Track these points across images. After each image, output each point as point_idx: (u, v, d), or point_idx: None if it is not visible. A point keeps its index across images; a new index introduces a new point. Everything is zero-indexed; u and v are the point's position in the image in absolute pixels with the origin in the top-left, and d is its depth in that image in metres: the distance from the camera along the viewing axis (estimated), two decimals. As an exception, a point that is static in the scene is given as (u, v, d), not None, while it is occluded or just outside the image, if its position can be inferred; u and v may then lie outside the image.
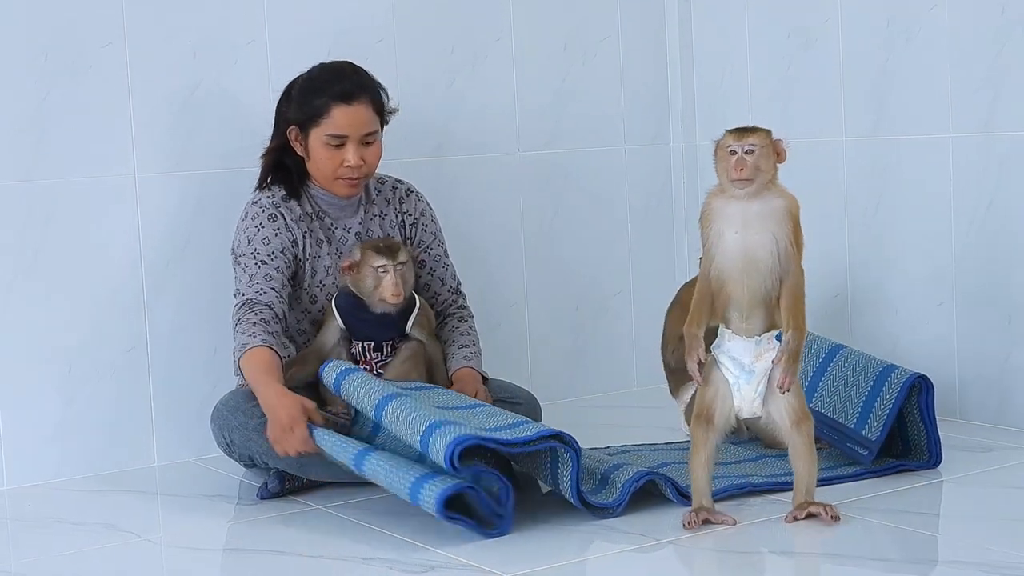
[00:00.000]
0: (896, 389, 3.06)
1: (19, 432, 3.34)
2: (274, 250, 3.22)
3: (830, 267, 3.78)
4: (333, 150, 3.22)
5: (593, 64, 4.07)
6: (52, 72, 3.35)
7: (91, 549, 2.83)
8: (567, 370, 4.04)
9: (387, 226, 3.38)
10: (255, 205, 3.27)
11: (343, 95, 3.22)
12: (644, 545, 2.67)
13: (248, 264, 3.21)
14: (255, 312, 3.13)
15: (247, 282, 3.19)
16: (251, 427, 3.06)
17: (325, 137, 3.22)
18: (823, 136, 3.81)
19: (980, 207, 3.47)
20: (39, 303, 3.35)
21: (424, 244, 3.41)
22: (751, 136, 2.70)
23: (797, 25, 3.86)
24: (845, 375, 3.15)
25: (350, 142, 3.22)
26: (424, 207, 3.44)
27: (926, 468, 3.07)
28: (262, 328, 3.10)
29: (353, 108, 3.22)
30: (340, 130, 3.21)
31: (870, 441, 3.04)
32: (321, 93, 3.22)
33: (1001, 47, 3.39)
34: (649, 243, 4.19)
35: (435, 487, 2.68)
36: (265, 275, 3.19)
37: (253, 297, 3.16)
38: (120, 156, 3.44)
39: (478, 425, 2.81)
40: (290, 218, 3.26)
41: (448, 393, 3.05)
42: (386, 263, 3.16)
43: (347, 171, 3.24)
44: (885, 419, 3.03)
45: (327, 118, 3.21)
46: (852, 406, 3.09)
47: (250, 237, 3.23)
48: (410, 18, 3.79)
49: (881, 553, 2.60)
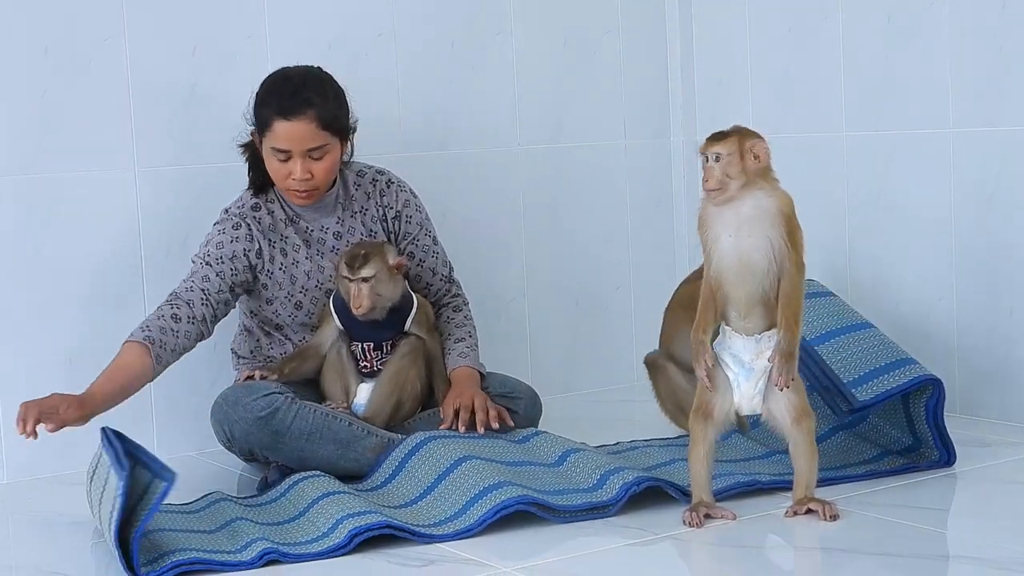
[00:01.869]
0: (908, 376, 3.02)
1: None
2: (223, 255, 3.21)
3: (830, 262, 3.78)
4: (280, 162, 3.18)
5: (594, 59, 4.07)
6: (52, 67, 3.35)
7: (92, 544, 2.83)
8: (567, 364, 4.04)
9: (368, 221, 3.34)
10: (225, 212, 3.28)
11: (282, 110, 3.14)
12: (644, 539, 2.67)
13: (195, 262, 3.22)
14: (170, 304, 3.13)
15: (185, 278, 3.20)
16: (251, 422, 3.06)
17: (269, 149, 3.18)
18: (823, 131, 3.81)
19: (981, 202, 3.47)
20: (39, 297, 3.36)
21: (410, 236, 3.37)
22: (717, 144, 2.70)
23: (798, 19, 3.86)
24: (864, 345, 3.10)
25: (295, 156, 3.15)
26: (407, 197, 3.38)
27: (937, 467, 3.04)
28: (160, 323, 3.08)
29: (292, 124, 3.14)
30: (281, 144, 3.15)
31: (857, 401, 3.00)
32: (266, 105, 3.18)
33: (1002, 42, 3.39)
34: (649, 238, 4.19)
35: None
36: (203, 276, 3.18)
37: (179, 291, 3.17)
38: (120, 151, 3.44)
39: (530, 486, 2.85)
40: (256, 229, 3.24)
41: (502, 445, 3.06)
42: (349, 275, 3.15)
43: (293, 183, 3.18)
44: (883, 392, 2.99)
45: (270, 131, 3.16)
46: (856, 367, 3.05)
47: (209, 239, 3.24)
48: (410, 12, 3.79)
49: (881, 548, 2.59)
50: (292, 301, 3.29)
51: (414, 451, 3.00)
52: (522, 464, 2.94)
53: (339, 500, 2.80)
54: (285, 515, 2.85)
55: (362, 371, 3.24)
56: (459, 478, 2.86)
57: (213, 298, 3.18)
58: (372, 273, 3.15)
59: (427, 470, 2.94)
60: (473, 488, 2.81)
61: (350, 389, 3.23)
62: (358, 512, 2.72)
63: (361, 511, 2.73)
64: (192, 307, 3.14)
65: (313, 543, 2.68)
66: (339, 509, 2.75)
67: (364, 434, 3.09)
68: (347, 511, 2.73)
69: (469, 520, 2.73)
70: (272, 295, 3.28)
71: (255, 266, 3.25)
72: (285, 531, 2.76)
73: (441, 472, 2.90)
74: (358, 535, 2.64)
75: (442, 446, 2.98)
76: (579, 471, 2.92)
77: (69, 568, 2.69)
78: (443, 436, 3.03)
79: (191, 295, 3.16)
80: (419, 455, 2.98)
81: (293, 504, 2.88)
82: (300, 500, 2.88)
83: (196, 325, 3.13)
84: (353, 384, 3.24)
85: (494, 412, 3.09)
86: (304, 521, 2.79)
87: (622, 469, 2.89)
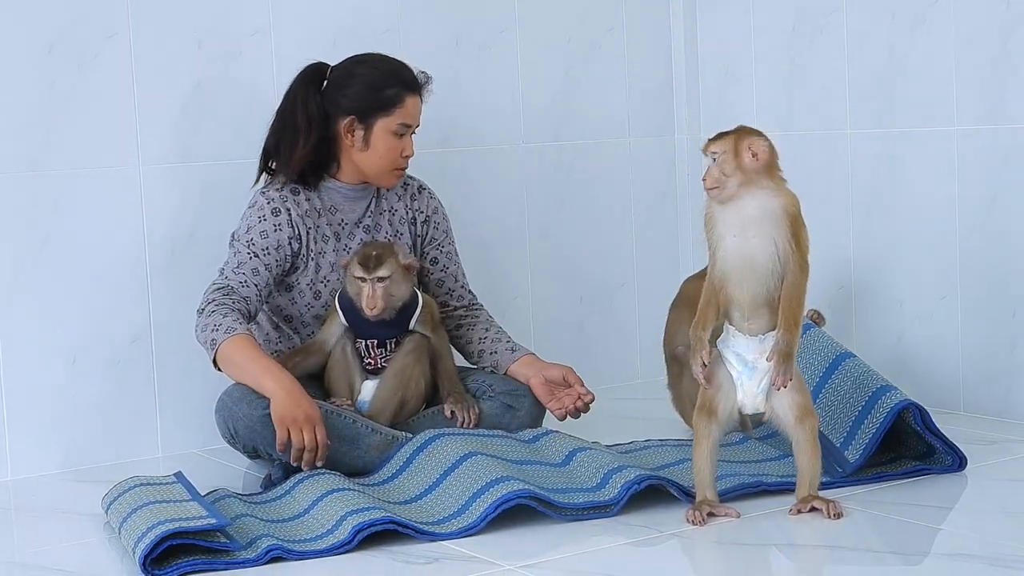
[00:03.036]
0: (881, 415, 2.97)
1: (23, 423, 3.34)
2: (269, 245, 3.22)
3: (835, 260, 3.78)
4: (397, 140, 3.26)
5: (598, 56, 4.07)
6: (57, 63, 3.35)
7: (95, 540, 2.83)
8: (571, 362, 4.01)
9: (396, 222, 3.38)
10: (263, 196, 3.27)
11: (410, 85, 3.27)
12: (648, 537, 2.68)
13: (240, 250, 3.21)
14: (232, 300, 3.13)
15: (235, 267, 3.19)
16: (255, 419, 3.06)
17: (396, 126, 3.24)
18: (828, 128, 3.80)
19: (985, 200, 3.47)
20: (44, 293, 3.36)
21: (436, 241, 3.42)
22: (713, 144, 2.73)
23: (802, 17, 3.86)
24: (845, 388, 3.07)
25: (409, 132, 3.28)
26: (436, 204, 3.44)
27: (950, 472, 3.02)
28: (242, 317, 3.10)
29: (417, 98, 3.29)
30: (410, 119, 3.27)
31: (848, 463, 2.96)
32: (389, 85, 3.25)
33: (1006, 40, 3.39)
34: (653, 235, 4.19)
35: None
36: (253, 268, 3.19)
37: (235, 286, 3.16)
38: (125, 146, 3.44)
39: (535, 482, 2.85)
40: (296, 213, 3.26)
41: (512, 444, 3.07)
42: (364, 276, 3.16)
43: (404, 161, 3.28)
44: (866, 444, 2.95)
45: (400, 107, 3.25)
46: (842, 423, 3.03)
47: (250, 225, 3.24)
48: (415, 9, 3.79)
49: (886, 546, 2.60)
50: (312, 290, 3.30)
51: (423, 447, 3.01)
52: (527, 463, 2.95)
53: (343, 497, 2.81)
54: (290, 512, 2.85)
55: (366, 368, 3.24)
56: (463, 474, 2.87)
57: (263, 292, 3.21)
58: (388, 273, 3.15)
59: (433, 466, 2.95)
60: (476, 483, 2.81)
61: (354, 386, 3.24)
62: (362, 508, 2.73)
63: (365, 507, 2.73)
64: (249, 304, 3.17)
65: (318, 540, 2.68)
66: (343, 506, 2.76)
67: (368, 431, 3.09)
68: (351, 507, 2.74)
69: (472, 516, 2.73)
70: (295, 281, 3.29)
71: (296, 253, 3.27)
72: (290, 528, 2.76)
73: (446, 468, 2.91)
74: (361, 531, 2.65)
75: (449, 443, 2.98)
76: (583, 470, 2.92)
77: (74, 564, 2.69)
78: (451, 433, 3.03)
79: (247, 291, 3.17)
80: (427, 451, 2.99)
81: (298, 501, 2.89)
82: (305, 497, 2.88)
83: (249, 321, 3.17)
84: (358, 381, 3.24)
85: (589, 397, 3.26)
86: (309, 518, 2.79)
87: (625, 468, 2.89)
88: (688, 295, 3.38)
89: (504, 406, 3.24)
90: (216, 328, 3.06)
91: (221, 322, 3.07)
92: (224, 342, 3.04)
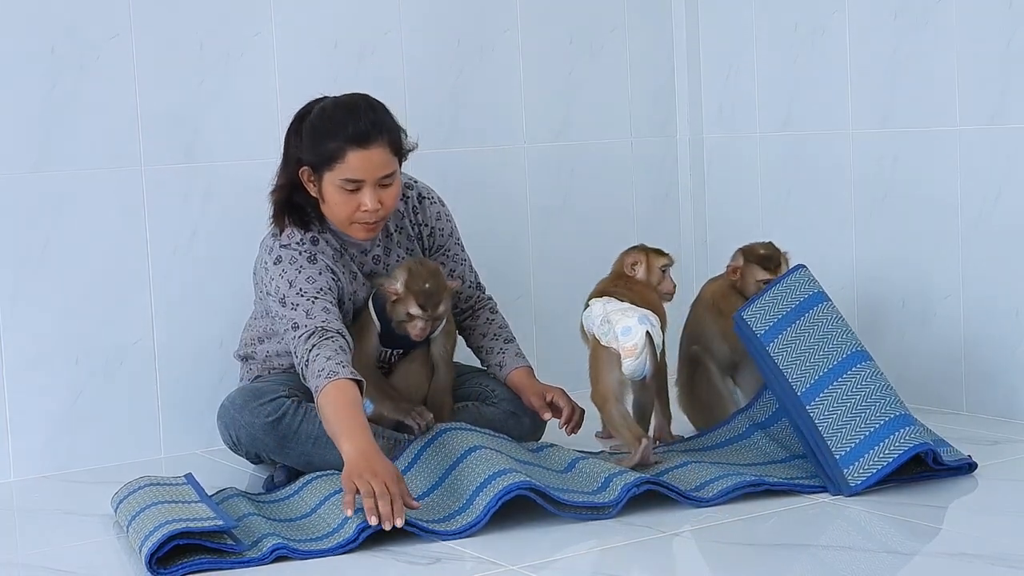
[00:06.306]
0: (896, 452, 2.84)
1: (26, 424, 3.35)
2: (322, 287, 3.03)
3: (837, 259, 3.78)
4: (348, 194, 3.01)
5: (600, 56, 4.07)
6: (59, 64, 3.35)
7: (98, 540, 2.83)
8: (572, 362, 4.02)
9: (404, 240, 3.25)
10: (288, 249, 3.07)
11: (358, 138, 2.99)
12: (648, 537, 2.68)
13: (299, 302, 3.00)
14: (331, 339, 2.92)
15: (305, 316, 2.97)
16: (257, 426, 3.05)
17: (340, 182, 3.01)
18: (830, 128, 3.80)
19: (988, 200, 3.46)
20: (47, 295, 3.36)
21: (442, 248, 3.32)
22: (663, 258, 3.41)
23: (804, 17, 3.86)
24: (857, 398, 2.94)
25: (366, 186, 3.01)
26: (438, 210, 3.31)
27: (959, 476, 2.98)
28: (343, 357, 2.89)
29: (369, 152, 3.00)
30: (356, 175, 3.00)
31: (847, 486, 2.85)
32: (335, 135, 3.00)
33: (1009, 40, 3.39)
34: (655, 235, 4.17)
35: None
36: (323, 307, 2.99)
37: (322, 324, 2.95)
38: (127, 147, 3.44)
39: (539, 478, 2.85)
40: (324, 259, 3.08)
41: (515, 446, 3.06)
42: (421, 315, 3.06)
43: (364, 215, 3.03)
44: (872, 476, 2.84)
45: (341, 163, 2.99)
46: (847, 434, 2.90)
47: (291, 280, 3.03)
48: (417, 9, 3.79)
49: (887, 546, 2.60)
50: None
51: (430, 441, 3.01)
52: (531, 464, 2.95)
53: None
54: (296, 512, 2.86)
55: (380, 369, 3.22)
56: (467, 467, 2.87)
57: (344, 321, 3.07)
58: (444, 309, 3.10)
59: (439, 460, 2.95)
60: (479, 476, 2.81)
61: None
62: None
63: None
64: (344, 336, 2.97)
65: (323, 539, 2.68)
66: None
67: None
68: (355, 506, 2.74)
69: (475, 512, 2.73)
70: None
71: (340, 298, 3.12)
72: (296, 527, 2.77)
73: (452, 462, 2.91)
74: (366, 530, 2.65)
75: (456, 436, 2.99)
76: (585, 476, 2.93)
77: (76, 565, 2.69)
78: (457, 428, 3.03)
79: (336, 324, 2.97)
80: (434, 445, 2.99)
81: (305, 501, 2.89)
82: (312, 497, 2.89)
83: (350, 354, 2.97)
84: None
85: (579, 415, 3.20)
86: (316, 518, 2.80)
87: (625, 471, 2.90)
88: (708, 297, 3.42)
89: (508, 413, 3.23)
90: (318, 374, 2.87)
91: (324, 365, 2.87)
92: (321, 390, 2.85)
